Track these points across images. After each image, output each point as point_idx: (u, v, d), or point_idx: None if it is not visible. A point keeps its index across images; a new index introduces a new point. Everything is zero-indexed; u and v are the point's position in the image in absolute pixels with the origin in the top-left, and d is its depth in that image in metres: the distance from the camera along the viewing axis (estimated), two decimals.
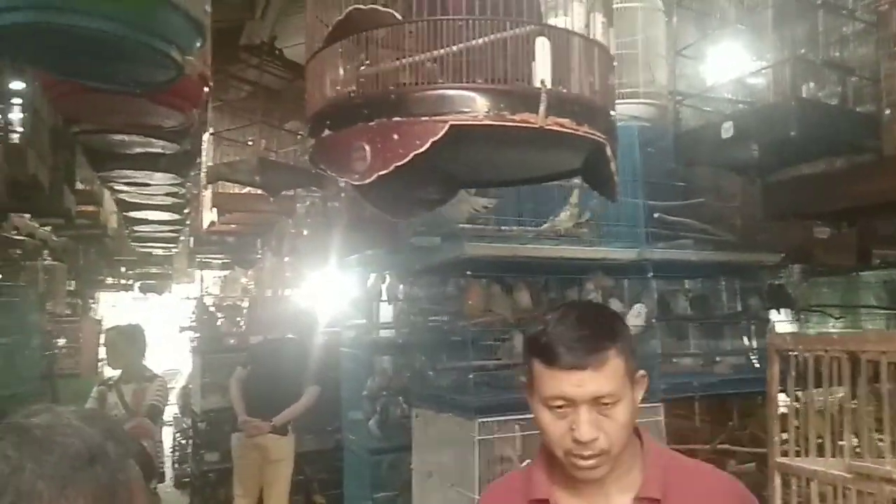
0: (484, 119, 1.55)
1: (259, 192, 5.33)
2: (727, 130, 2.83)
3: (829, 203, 3.16)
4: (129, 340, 4.26)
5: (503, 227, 3.07)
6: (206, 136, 5.17)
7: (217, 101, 4.68)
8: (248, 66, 4.73)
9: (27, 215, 4.49)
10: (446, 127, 1.54)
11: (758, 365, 3.82)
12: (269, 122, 4.78)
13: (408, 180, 2.30)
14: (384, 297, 4.64)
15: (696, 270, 3.31)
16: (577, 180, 3.27)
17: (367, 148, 1.60)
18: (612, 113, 1.82)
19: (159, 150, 3.28)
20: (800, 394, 1.70)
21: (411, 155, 1.56)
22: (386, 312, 4.83)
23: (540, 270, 3.02)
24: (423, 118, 1.56)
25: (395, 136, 1.58)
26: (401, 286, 4.53)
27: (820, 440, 1.72)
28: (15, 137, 2.87)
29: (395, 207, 2.40)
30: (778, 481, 1.72)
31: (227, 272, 12.36)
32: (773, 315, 3.91)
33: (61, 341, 7.10)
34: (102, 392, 3.95)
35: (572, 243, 3.03)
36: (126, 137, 2.97)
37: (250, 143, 4.83)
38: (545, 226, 3.18)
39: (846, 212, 3.33)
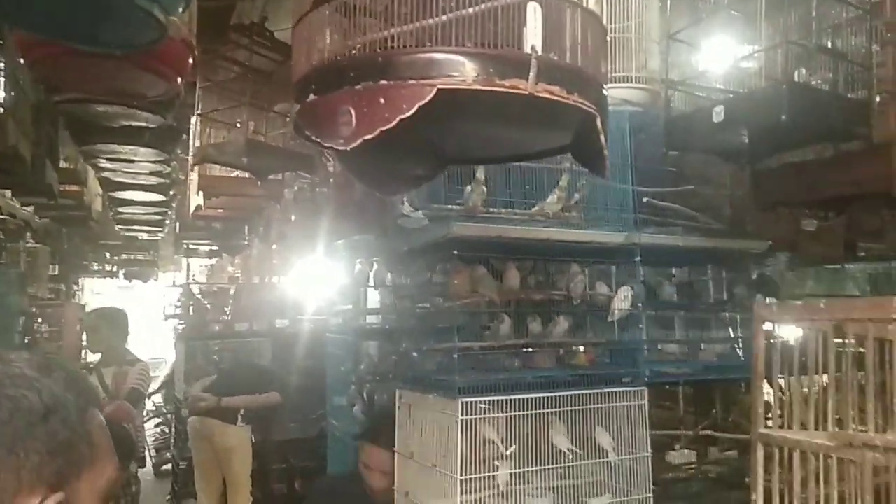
0: (473, 83, 1.52)
1: (247, 175, 5.28)
2: (718, 114, 2.82)
3: (818, 191, 3.16)
4: (110, 323, 4.22)
5: (492, 209, 3.04)
6: (194, 119, 5.11)
7: (205, 81, 4.61)
8: (237, 47, 4.66)
9: (7, 192, 4.41)
10: (434, 91, 1.51)
11: (742, 354, 3.83)
12: (257, 104, 4.71)
13: (394, 154, 2.27)
14: (371, 283, 4.61)
15: (683, 256, 3.30)
16: (567, 164, 3.26)
17: (353, 112, 1.57)
18: (603, 85, 1.79)
19: (143, 124, 3.22)
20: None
21: (397, 119, 1.53)
22: (373, 299, 4.80)
23: (528, 252, 3.00)
24: (411, 81, 1.53)
25: (382, 100, 1.54)
26: (389, 273, 4.50)
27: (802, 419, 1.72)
28: None
29: (381, 182, 2.37)
30: (761, 452, 1.71)
31: (214, 260, 12.27)
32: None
33: (44, 326, 7.00)
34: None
35: (561, 226, 3.01)
36: (109, 108, 2.90)
37: (238, 125, 4.76)
38: (534, 209, 3.16)
39: (834, 201, 3.34)
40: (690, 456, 3.85)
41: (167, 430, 8.90)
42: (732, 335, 3.87)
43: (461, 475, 2.57)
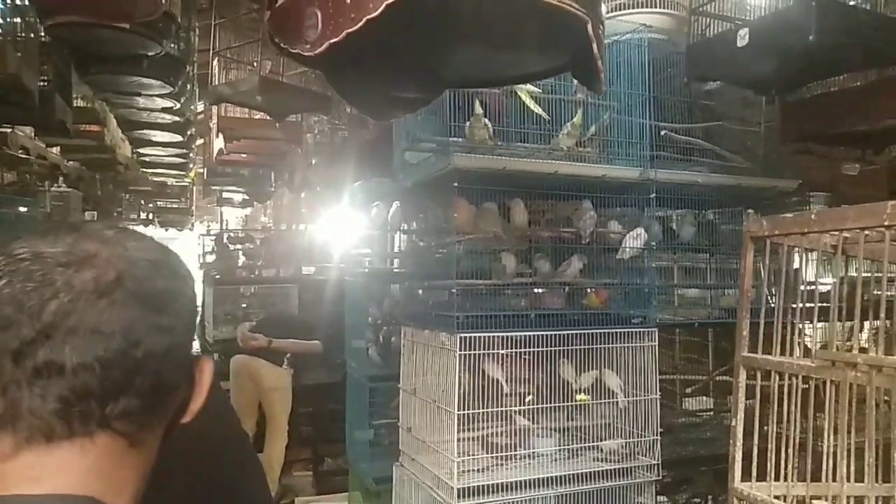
0: None
1: (266, 117, 5.23)
2: (742, 38, 2.61)
3: (853, 123, 2.93)
4: None
5: (500, 143, 2.92)
6: (214, 62, 5.07)
7: (221, 17, 4.53)
8: None
9: (28, 130, 4.47)
10: None
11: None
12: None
13: (388, 78, 2.17)
14: (389, 226, 4.56)
15: (704, 194, 3.12)
16: (580, 95, 3.10)
17: (319, 14, 1.47)
18: None
19: (140, 51, 3.18)
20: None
21: (364, 20, 1.42)
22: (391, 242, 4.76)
23: (536, 187, 2.88)
24: None
25: (348, 0, 1.44)
26: (398, 212, 4.44)
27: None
28: None
29: (375, 107, 2.27)
30: (743, 376, 1.61)
31: (248, 210, 12.44)
32: None
33: None
34: None
35: (570, 160, 2.87)
36: (103, 33, 2.87)
37: (255, 64, 4.68)
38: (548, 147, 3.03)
39: (871, 135, 3.09)
40: (708, 403, 3.75)
41: None
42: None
43: (459, 410, 2.54)
